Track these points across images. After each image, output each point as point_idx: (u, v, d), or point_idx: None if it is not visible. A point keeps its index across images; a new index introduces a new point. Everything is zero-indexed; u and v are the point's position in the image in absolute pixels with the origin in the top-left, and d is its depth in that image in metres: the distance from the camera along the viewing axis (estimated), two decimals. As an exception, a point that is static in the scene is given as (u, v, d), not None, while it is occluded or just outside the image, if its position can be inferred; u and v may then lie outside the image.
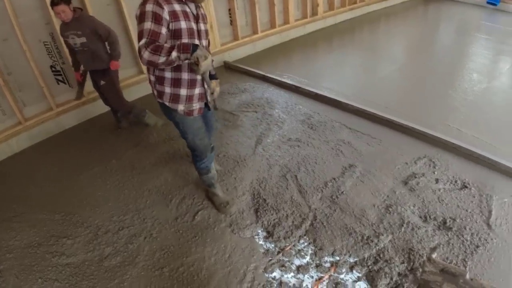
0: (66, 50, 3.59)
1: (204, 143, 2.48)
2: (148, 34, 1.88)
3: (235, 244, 2.46)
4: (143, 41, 1.87)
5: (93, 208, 2.78)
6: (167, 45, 1.89)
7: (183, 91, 2.20)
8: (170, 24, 1.96)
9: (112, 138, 3.58)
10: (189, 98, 2.24)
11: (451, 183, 2.90)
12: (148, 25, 1.89)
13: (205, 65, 1.91)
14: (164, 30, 1.93)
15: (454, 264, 2.31)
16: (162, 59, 1.86)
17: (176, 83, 2.17)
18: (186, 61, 1.93)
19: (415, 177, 2.92)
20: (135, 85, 4.33)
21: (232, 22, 5.04)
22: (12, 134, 3.55)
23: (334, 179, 2.94)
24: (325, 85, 4.38)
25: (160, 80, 2.17)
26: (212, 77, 2.41)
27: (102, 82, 3.32)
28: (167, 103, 2.23)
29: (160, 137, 3.55)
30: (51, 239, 2.55)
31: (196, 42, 2.10)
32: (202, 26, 2.16)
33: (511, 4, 7.13)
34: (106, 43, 3.19)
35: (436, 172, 2.99)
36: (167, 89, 2.19)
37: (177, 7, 1.98)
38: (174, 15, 1.96)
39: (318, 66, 5.11)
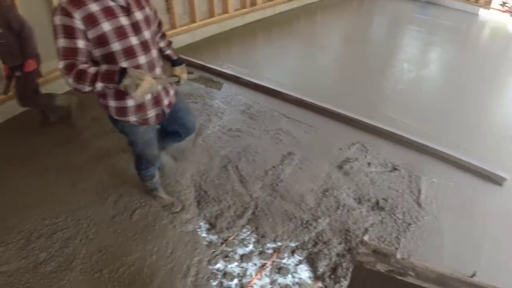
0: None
1: (154, 153, 2.29)
2: (64, 54, 1.59)
3: (177, 239, 2.43)
4: (60, 64, 1.59)
5: (24, 212, 2.58)
6: (91, 71, 1.58)
7: (130, 102, 1.89)
8: (88, 33, 1.62)
9: (42, 135, 3.34)
10: (140, 107, 1.94)
11: (382, 166, 3.08)
12: (60, 42, 1.58)
13: (141, 92, 1.61)
14: (81, 44, 1.61)
15: (388, 242, 2.47)
16: (88, 88, 1.59)
17: (120, 94, 1.84)
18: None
19: (349, 162, 3.07)
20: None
21: (169, 9, 4.89)
22: None
23: (274, 167, 3.00)
24: (264, 75, 4.43)
25: (101, 93, 1.86)
26: (174, 62, 2.19)
27: (17, 73, 3.01)
28: (115, 117, 1.97)
29: (94, 132, 3.38)
30: (-21, 248, 2.35)
31: (132, 40, 1.75)
32: (138, 15, 1.78)
33: (442, -2, 7.60)
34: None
35: (368, 157, 3.16)
36: (111, 102, 1.90)
37: (93, 7, 1.61)
38: (90, 19, 1.60)
39: (258, 56, 5.15)
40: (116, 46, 1.70)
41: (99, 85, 1.58)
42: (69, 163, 3.01)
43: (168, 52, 2.20)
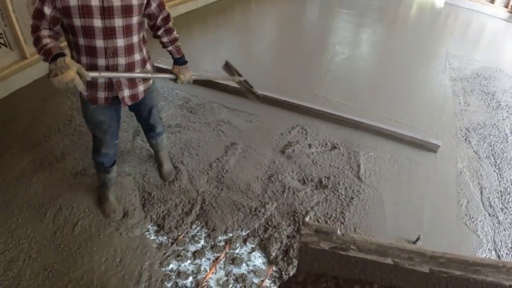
0: None
1: (103, 138, 2.27)
2: (33, 15, 1.75)
3: (125, 246, 2.36)
4: (30, 22, 1.76)
5: (-46, 241, 2.38)
6: (43, 42, 1.71)
7: None
8: (56, 2, 1.69)
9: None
10: (91, 85, 1.97)
11: (322, 146, 3.20)
12: (36, 3, 1.72)
13: (56, 81, 1.62)
14: (48, 10, 1.71)
15: (334, 218, 2.59)
16: (38, 53, 1.74)
17: None
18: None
19: (291, 146, 3.15)
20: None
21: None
22: None
23: (218, 159, 3.00)
24: (201, 67, 4.37)
25: None
26: (175, 61, 2.21)
27: None
28: None
29: (24, 144, 3.16)
30: None
31: (95, 22, 1.76)
32: (116, 2, 1.76)
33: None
34: None
35: (308, 138, 3.27)
36: None
37: None
38: None
39: (194, 48, 5.05)
40: (77, 22, 1.76)
41: (41, 56, 1.72)
42: (0, 181, 2.80)
43: (170, 48, 2.21)
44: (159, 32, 2.13)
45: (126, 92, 2.09)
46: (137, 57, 2.03)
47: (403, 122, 3.46)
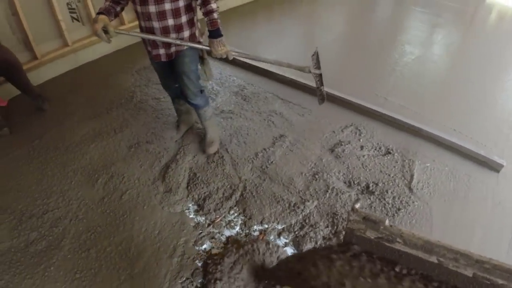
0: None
1: (164, 83, 2.85)
2: None
3: (165, 220, 2.46)
4: None
5: (15, 193, 2.63)
6: (105, 5, 2.28)
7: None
8: None
9: (35, 119, 3.37)
10: (144, 42, 2.50)
11: (375, 149, 3.06)
12: None
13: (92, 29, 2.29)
14: None
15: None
16: None
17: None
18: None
19: (341, 145, 3.05)
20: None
21: (125, 5, 4.83)
22: None
23: (265, 149, 2.99)
24: (262, 54, 4.35)
25: None
26: (210, 34, 2.34)
27: None
28: None
29: (86, 114, 3.39)
30: (-29, 228, 2.40)
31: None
32: None
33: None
34: None
35: (361, 140, 3.14)
36: None
37: None
38: None
39: (256, 36, 5.06)
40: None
41: None
42: (60, 145, 3.03)
43: (205, 20, 2.35)
44: (198, 3, 2.33)
45: (161, 51, 2.47)
46: (170, 22, 2.32)
47: (467, 134, 3.19)
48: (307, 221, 2.46)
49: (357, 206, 1.75)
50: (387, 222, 1.56)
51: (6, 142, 3.08)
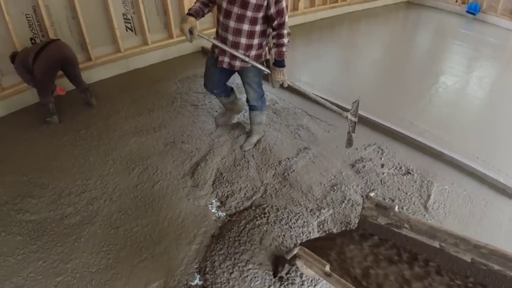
0: (46, 24, 3.74)
1: (207, 80, 3.05)
2: None
3: (189, 211, 2.66)
4: None
5: (59, 173, 2.95)
6: (195, 6, 2.64)
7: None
8: None
9: (84, 112, 3.74)
10: (213, 45, 2.80)
11: (395, 168, 3.15)
12: None
13: (179, 27, 2.55)
14: None
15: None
16: None
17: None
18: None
19: (362, 161, 3.17)
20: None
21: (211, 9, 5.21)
22: (-11, 102, 3.67)
23: (288, 158, 3.16)
24: (296, 75, 4.60)
25: None
26: (275, 62, 2.72)
27: None
28: None
29: (130, 112, 3.72)
30: (17, 198, 2.71)
31: (223, 4, 2.55)
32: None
33: (490, 15, 7.36)
34: None
35: (383, 158, 3.24)
36: None
37: None
38: None
39: (293, 58, 5.30)
40: (218, 1, 2.59)
41: None
42: (104, 136, 3.36)
43: (274, 49, 2.69)
44: (273, 34, 2.63)
45: (226, 59, 2.77)
46: (242, 40, 2.63)
47: (489, 163, 3.21)
48: (321, 226, 2.59)
49: (372, 194, 1.90)
50: (396, 208, 1.70)
51: (55, 129, 3.45)
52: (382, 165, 3.16)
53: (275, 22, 2.56)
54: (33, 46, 3.43)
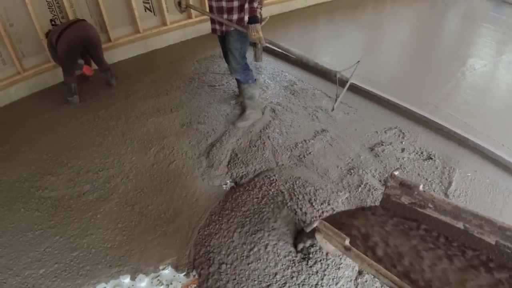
0: (66, 6, 3.77)
1: (224, 56, 3.25)
2: None
3: (203, 191, 2.66)
4: None
5: (77, 151, 3.00)
6: None
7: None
8: None
9: (104, 92, 3.78)
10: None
11: (416, 153, 3.04)
12: None
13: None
14: None
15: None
16: None
17: None
18: None
19: (382, 145, 3.07)
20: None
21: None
22: (10, 83, 3.73)
23: (305, 141, 3.10)
24: (318, 56, 4.49)
25: None
26: (248, 19, 2.77)
27: None
28: None
29: (148, 93, 3.74)
30: (36, 176, 2.79)
31: None
32: None
33: (520, -3, 6.96)
34: None
35: (404, 142, 3.14)
36: None
37: None
38: None
39: (315, 38, 5.20)
40: None
41: None
42: (122, 116, 3.39)
43: (245, 7, 2.80)
44: None
45: (217, 26, 2.94)
46: (224, 4, 2.77)
47: (517, 150, 3.06)
48: (335, 210, 2.53)
49: (396, 173, 1.84)
50: (421, 187, 1.64)
51: (75, 109, 3.51)
52: (403, 150, 3.06)
53: None
54: (59, 26, 3.48)
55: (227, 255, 2.13)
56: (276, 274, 2.03)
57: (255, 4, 2.69)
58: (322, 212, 2.39)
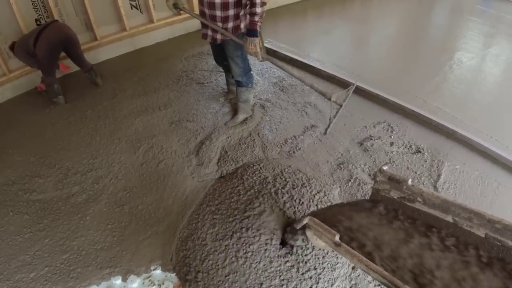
0: (51, 5, 3.71)
1: (215, 59, 3.25)
2: None
3: (193, 189, 2.66)
4: None
5: (65, 152, 2.96)
6: None
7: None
8: None
9: (90, 91, 3.73)
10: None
11: (405, 147, 3.07)
12: None
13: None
14: None
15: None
16: None
17: None
18: None
19: (371, 139, 3.09)
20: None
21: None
22: (-4, 84, 3.68)
23: (295, 136, 3.11)
24: (306, 51, 4.49)
25: None
26: (247, 32, 2.67)
27: None
28: None
29: (136, 91, 3.70)
30: (24, 178, 2.75)
31: None
32: None
33: (507, -9, 7.01)
34: None
35: (392, 136, 3.16)
36: None
37: None
38: None
39: (304, 34, 5.20)
40: None
41: None
42: (110, 116, 3.35)
43: (246, 20, 2.70)
44: (247, 2, 2.58)
45: (209, 32, 2.80)
46: (218, 13, 2.61)
47: (503, 142, 3.10)
48: (332, 202, 2.54)
49: (385, 168, 1.85)
50: (409, 181, 1.65)
51: (61, 110, 3.47)
52: (392, 144, 3.08)
53: None
54: (31, 31, 3.41)
55: (202, 261, 2.07)
56: (261, 284, 1.98)
57: (256, 18, 2.56)
58: (317, 204, 2.39)
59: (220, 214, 2.28)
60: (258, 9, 2.51)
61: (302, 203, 2.35)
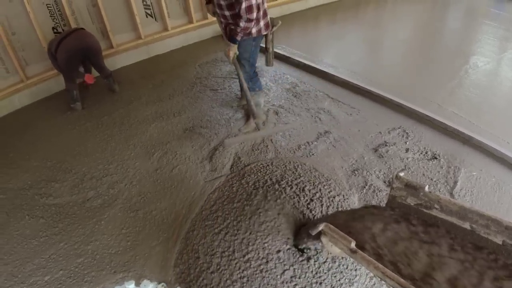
0: (67, 13, 3.79)
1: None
2: None
3: (205, 194, 2.65)
4: None
5: (81, 158, 3.01)
6: None
7: None
8: None
9: (107, 98, 3.80)
10: None
11: (421, 153, 3.02)
12: None
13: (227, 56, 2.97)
14: None
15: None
16: None
17: None
18: None
19: (386, 145, 3.05)
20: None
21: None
22: (14, 91, 3.74)
23: (308, 142, 3.09)
24: (319, 57, 4.48)
25: None
26: (229, 38, 2.88)
27: None
28: None
29: (151, 98, 3.75)
30: (41, 183, 2.80)
31: None
32: None
33: (521, -7, 6.91)
34: None
35: (408, 142, 3.11)
36: None
37: None
38: None
39: (316, 39, 5.20)
40: None
41: None
42: (125, 122, 3.40)
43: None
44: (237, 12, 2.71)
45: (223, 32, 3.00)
46: (226, 13, 2.78)
47: (522, 148, 3.03)
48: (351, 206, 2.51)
49: (402, 174, 1.82)
50: (426, 188, 1.63)
51: (78, 115, 3.53)
52: (407, 150, 3.04)
53: (238, 8, 2.67)
54: (59, 34, 3.51)
55: (196, 278, 2.06)
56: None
57: (238, 29, 2.74)
58: (337, 207, 2.39)
59: (217, 221, 2.29)
60: (242, 24, 2.70)
61: (321, 204, 2.33)
